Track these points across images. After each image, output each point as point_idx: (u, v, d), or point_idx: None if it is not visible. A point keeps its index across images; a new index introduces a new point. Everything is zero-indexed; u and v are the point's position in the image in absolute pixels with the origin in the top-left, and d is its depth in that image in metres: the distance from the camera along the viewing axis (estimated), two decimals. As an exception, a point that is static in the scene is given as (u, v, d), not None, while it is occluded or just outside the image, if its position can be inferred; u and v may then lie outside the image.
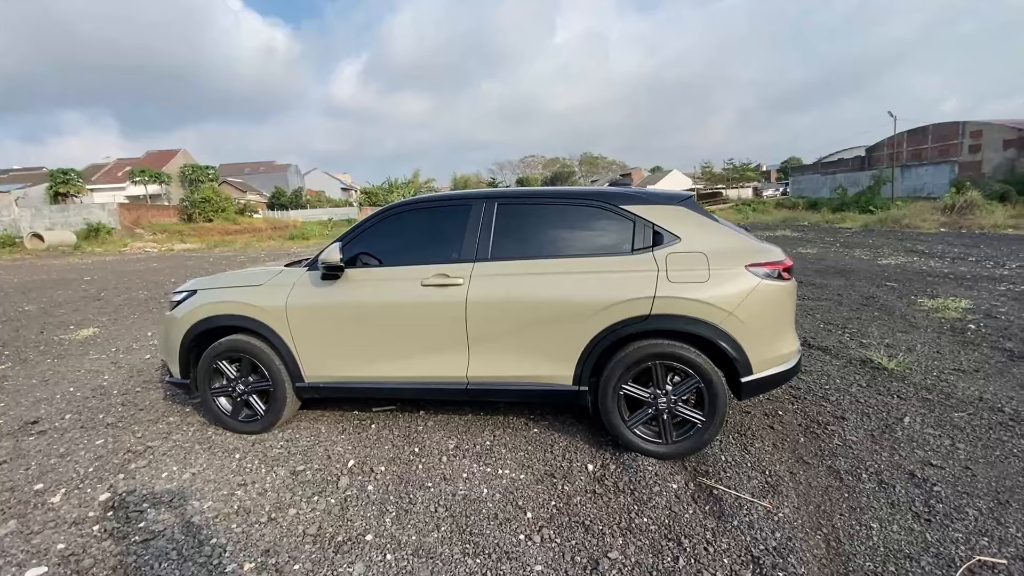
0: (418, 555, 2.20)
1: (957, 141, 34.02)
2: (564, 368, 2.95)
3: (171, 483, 2.87)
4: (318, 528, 2.41)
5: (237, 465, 3.04)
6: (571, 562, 2.12)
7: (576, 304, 2.86)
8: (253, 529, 2.42)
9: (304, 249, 21.97)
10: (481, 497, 2.62)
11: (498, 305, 2.96)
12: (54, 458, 3.24)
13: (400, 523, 2.43)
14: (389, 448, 3.19)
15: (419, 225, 3.30)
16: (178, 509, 2.61)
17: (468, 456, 3.04)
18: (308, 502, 2.63)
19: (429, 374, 3.13)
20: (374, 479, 2.83)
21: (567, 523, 2.38)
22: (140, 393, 4.37)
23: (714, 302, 2.73)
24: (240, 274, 3.65)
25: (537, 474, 2.82)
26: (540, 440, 3.20)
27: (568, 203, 3.11)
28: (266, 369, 3.30)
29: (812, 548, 2.15)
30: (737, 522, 2.32)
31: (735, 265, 2.79)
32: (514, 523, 2.40)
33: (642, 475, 2.74)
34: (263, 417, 3.38)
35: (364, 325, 3.15)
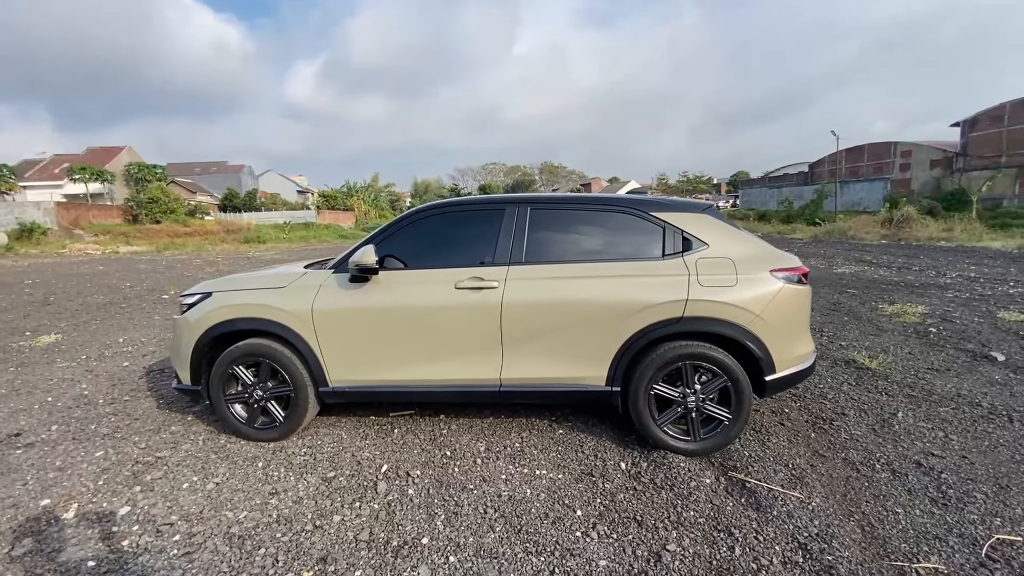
0: (481, 556, 2.21)
1: (890, 160, 36.80)
2: (598, 369, 3.03)
3: (195, 494, 2.74)
4: (370, 533, 2.37)
5: (263, 474, 2.94)
6: (633, 555, 2.19)
7: (612, 307, 2.95)
8: (301, 537, 2.35)
9: (262, 253, 21.19)
10: (526, 497, 2.64)
11: (534, 308, 3.01)
12: (52, 472, 3.02)
13: (452, 525, 2.42)
14: (418, 452, 3.16)
15: (449, 228, 3.31)
16: (212, 520, 2.50)
17: (501, 458, 3.06)
18: (351, 508, 2.58)
19: (461, 377, 3.13)
20: (412, 483, 2.80)
21: (619, 519, 2.45)
22: (130, 402, 4.12)
23: (743, 305, 2.89)
24: (258, 276, 3.53)
25: (574, 473, 2.88)
26: (568, 441, 3.26)
27: (600, 209, 3.21)
28: (287, 374, 3.21)
29: (849, 533, 2.30)
30: (776, 512, 2.46)
31: (760, 270, 2.96)
32: (567, 521, 2.44)
33: (675, 471, 2.85)
34: (282, 424, 3.28)
35: (395, 328, 3.12)
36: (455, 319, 3.08)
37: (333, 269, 3.25)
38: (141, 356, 5.51)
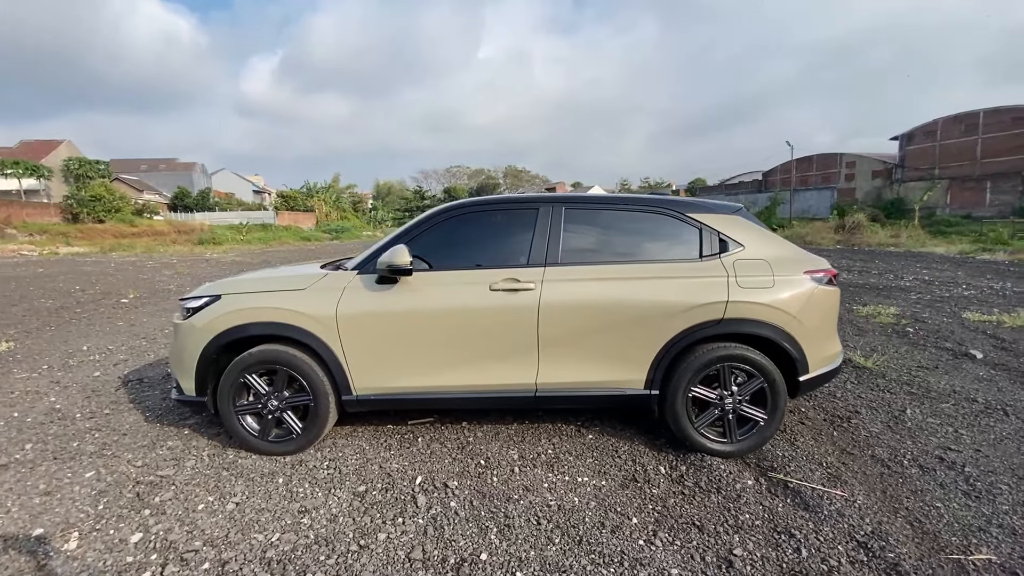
0: (548, 570, 2.11)
1: (836, 170, 38.99)
2: (637, 372, 2.99)
3: (215, 516, 2.50)
4: (423, 551, 2.23)
5: (286, 491, 2.72)
6: (703, 562, 2.15)
7: (654, 308, 2.91)
8: (348, 559, 2.18)
9: (221, 256, 20.15)
10: (576, 506, 2.56)
11: (572, 310, 2.93)
12: (37, 497, 2.69)
13: (508, 539, 2.31)
14: (450, 462, 3.02)
15: (479, 228, 3.19)
16: (242, 545, 2.28)
17: (538, 465, 2.97)
18: (394, 525, 2.42)
19: (495, 383, 3.02)
20: (453, 495, 2.67)
21: (677, 525, 2.40)
22: (112, 416, 3.77)
23: (780, 306, 2.92)
24: (271, 277, 3.29)
25: (617, 479, 2.82)
26: (599, 446, 3.20)
27: (635, 209, 3.17)
28: (306, 382, 3.00)
29: (901, 530, 2.34)
30: (826, 512, 2.47)
31: (795, 272, 3.00)
32: (625, 529, 2.37)
33: (716, 474, 2.84)
34: (299, 436, 3.06)
35: (426, 332, 2.98)
36: (489, 322, 2.96)
37: (357, 270, 3.07)
38: (112, 365, 5.08)
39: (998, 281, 9.85)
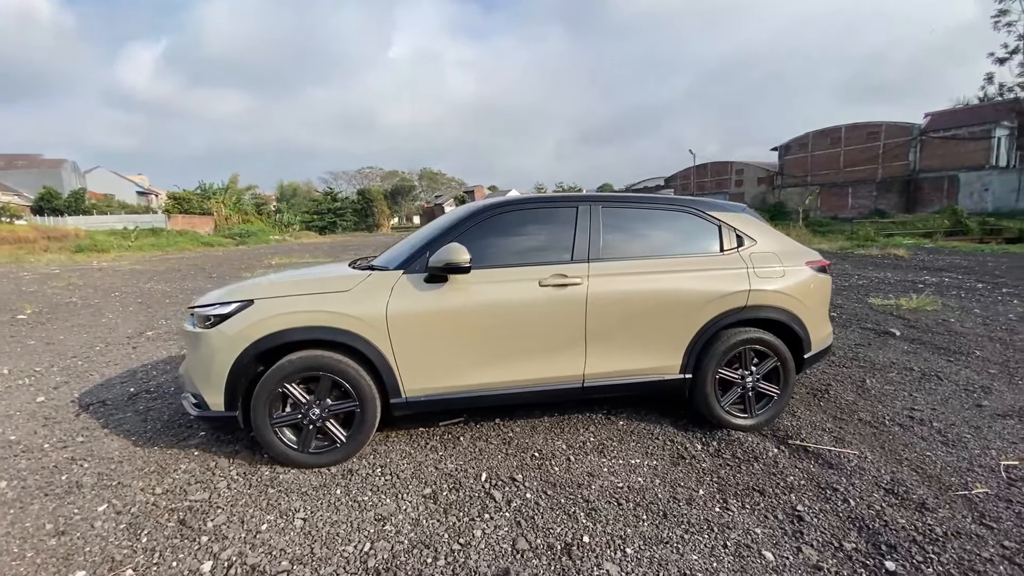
0: (651, 543, 2.25)
1: (728, 176, 43.13)
2: (673, 358, 3.23)
3: (287, 534, 2.34)
4: (527, 542, 2.27)
5: (351, 500, 2.61)
6: (777, 519, 2.41)
7: (688, 298, 3.17)
8: (458, 557, 2.17)
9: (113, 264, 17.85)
10: (644, 486, 2.73)
11: (616, 303, 3.11)
12: (51, 538, 2.35)
13: (600, 521, 2.42)
14: (503, 457, 3.05)
15: (521, 226, 3.25)
16: (335, 559, 2.17)
17: (589, 453, 3.10)
18: (484, 520, 2.43)
19: (544, 376, 3.11)
20: (525, 487, 2.72)
21: (740, 491, 2.65)
22: (90, 443, 3.33)
23: (791, 292, 3.31)
24: (307, 279, 3.11)
25: (666, 459, 3.03)
26: (634, 431, 3.40)
27: (663, 208, 3.42)
28: (352, 387, 2.88)
29: (911, 476, 2.78)
30: (850, 468, 2.87)
31: (799, 262, 3.42)
32: (698, 500, 2.58)
33: (746, 446, 3.15)
34: (344, 444, 2.93)
35: (477, 329, 2.99)
36: (539, 317, 3.05)
37: (402, 269, 3.00)
38: (53, 388, 4.42)
39: (880, 272, 11.57)
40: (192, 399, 2.97)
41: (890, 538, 2.25)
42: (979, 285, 9.30)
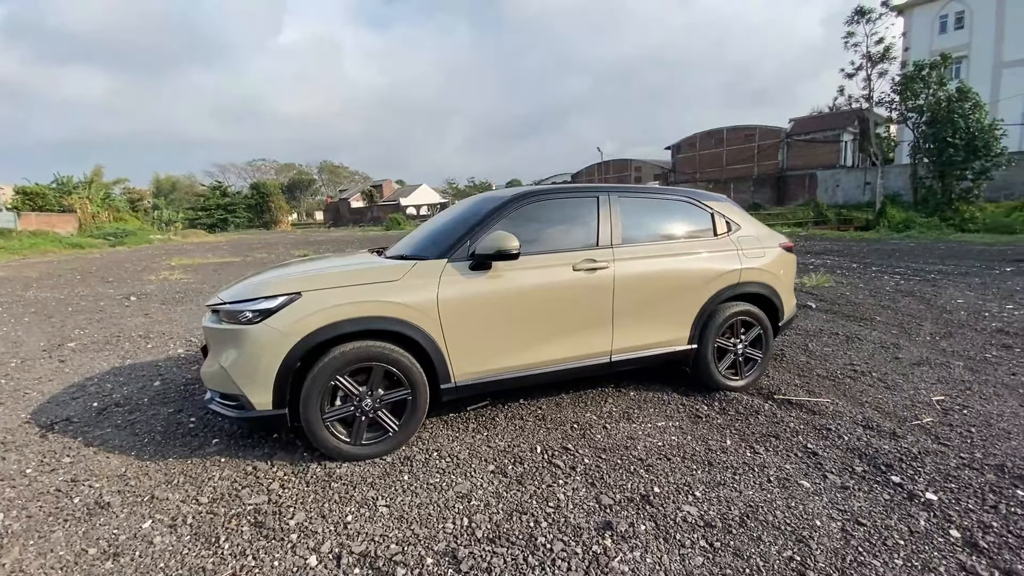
0: (713, 486, 2.59)
1: (628, 173, 46.07)
2: (683, 331, 3.62)
3: (379, 521, 2.36)
4: (609, 498, 2.50)
5: (424, 483, 2.66)
6: (797, 456, 2.87)
7: (696, 277, 3.58)
8: (553, 519, 2.34)
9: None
10: (680, 442, 3.08)
11: (638, 283, 3.42)
12: (105, 562, 2.15)
13: (659, 474, 2.71)
14: (545, 432, 3.24)
15: (550, 214, 3.42)
16: (442, 534, 2.25)
17: (619, 420, 3.39)
18: (560, 487, 2.61)
19: (578, 353, 3.34)
20: (579, 454, 2.94)
21: (759, 438, 3.10)
22: (82, 463, 2.99)
23: (771, 270, 3.86)
24: (352, 270, 3.05)
25: (685, 419, 3.41)
26: (646, 399, 3.75)
27: (667, 198, 3.80)
28: (404, 375, 2.90)
29: (876, 415, 3.42)
30: (831, 413, 3.45)
31: (774, 244, 3.99)
32: (730, 449, 2.98)
33: (744, 403, 3.64)
34: (396, 433, 2.94)
35: (520, 313, 3.15)
36: (574, 299, 3.28)
37: (447, 258, 3.06)
38: (-12, 412, 3.81)
39: (775, 256, 13.27)
40: (228, 401, 2.80)
41: (884, 460, 2.80)
42: (854, 265, 11.09)
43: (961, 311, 6.31)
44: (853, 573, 1.98)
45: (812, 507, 2.40)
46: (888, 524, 2.27)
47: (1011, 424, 3.21)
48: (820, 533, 2.21)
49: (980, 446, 2.95)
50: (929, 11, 32.18)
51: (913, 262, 11.10)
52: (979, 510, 2.36)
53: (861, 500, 2.45)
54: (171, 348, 5.56)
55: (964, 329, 5.49)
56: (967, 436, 3.07)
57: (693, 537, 2.21)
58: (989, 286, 7.87)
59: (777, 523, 2.29)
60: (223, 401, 2.83)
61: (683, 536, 2.22)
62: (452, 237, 3.20)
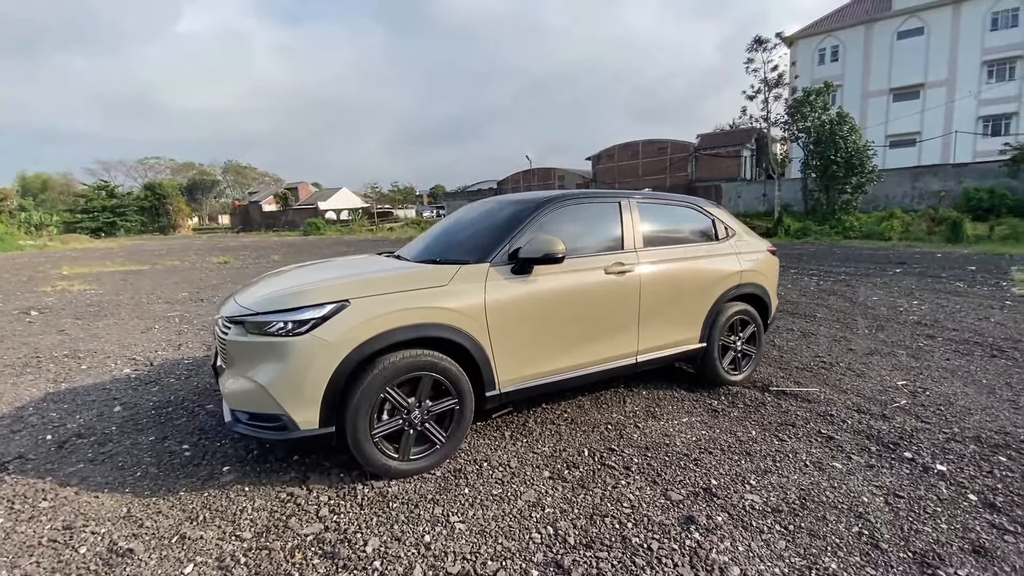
0: (758, 473, 2.75)
1: (552, 182, 47.39)
2: (696, 331, 3.81)
3: (459, 539, 2.24)
4: (676, 493, 2.57)
5: (486, 496, 2.57)
6: (815, 441, 3.13)
7: (707, 278, 3.79)
8: (635, 519, 2.37)
9: None
10: (712, 436, 3.23)
11: (660, 286, 3.56)
12: (160, 614, 1.86)
13: (708, 467, 2.83)
14: (583, 434, 3.27)
15: (577, 218, 3.45)
16: (531, 544, 2.19)
17: (646, 419, 3.49)
18: (625, 487, 2.65)
19: (609, 355, 3.40)
20: (626, 454, 2.99)
21: (778, 427, 3.34)
22: (72, 506, 2.55)
23: (763, 271, 4.19)
24: (396, 275, 2.89)
25: (705, 415, 3.59)
26: (660, 397, 3.90)
27: (676, 204, 3.99)
28: (452, 384, 2.79)
29: (862, 400, 3.82)
30: (824, 401, 3.80)
31: (763, 248, 4.33)
32: (759, 438, 3.18)
33: (747, 397, 3.91)
34: (443, 446, 2.82)
35: (558, 317, 3.15)
36: (606, 302, 3.34)
37: (489, 262, 2.98)
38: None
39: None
40: (263, 422, 2.52)
41: (888, 439, 3.15)
42: (775, 268, 12.24)
43: (880, 307, 7.22)
44: (916, 539, 2.21)
45: (853, 485, 2.64)
46: (919, 494, 2.56)
47: (966, 402, 3.73)
48: (871, 508, 2.44)
49: (954, 422, 3.40)
50: (811, 44, 36.57)
51: (820, 265, 12.48)
52: (980, 475, 2.72)
53: (889, 476, 2.74)
54: (114, 368, 4.88)
55: (891, 323, 6.28)
56: (940, 414, 3.53)
57: (768, 523, 2.34)
58: (890, 285, 9.06)
59: (832, 502, 2.49)
60: (256, 423, 2.55)
61: (759, 523, 2.34)
62: (489, 240, 3.14)
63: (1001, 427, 3.29)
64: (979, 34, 31.24)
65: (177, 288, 10.30)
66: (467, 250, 3.18)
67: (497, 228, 3.24)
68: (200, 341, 5.91)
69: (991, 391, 3.93)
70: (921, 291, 8.36)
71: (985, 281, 9.25)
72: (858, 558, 2.10)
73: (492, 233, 3.21)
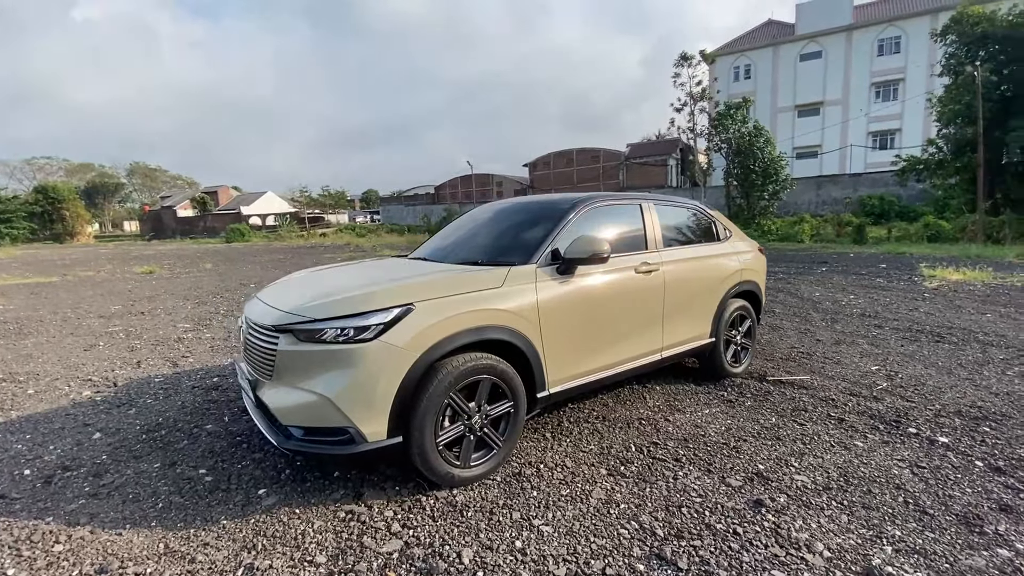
0: (798, 456, 2.95)
1: (490, 187, 47.65)
2: (707, 327, 4.01)
3: (552, 542, 2.22)
4: (734, 479, 2.69)
5: (559, 498, 2.55)
6: (828, 424, 3.39)
7: (715, 277, 4.01)
8: (703, 505, 2.45)
9: None
10: (739, 425, 3.41)
11: (680, 284, 3.71)
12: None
13: (748, 454, 2.99)
14: (620, 431, 3.33)
15: (605, 220, 3.51)
16: (625, 540, 2.21)
17: (671, 412, 3.62)
18: (683, 476, 2.73)
19: (640, 352, 3.50)
20: (668, 447, 3.08)
21: (792, 413, 3.58)
22: (93, 545, 2.24)
23: (756, 269, 4.49)
24: (452, 277, 2.77)
25: (722, 405, 3.78)
26: (674, 392, 4.05)
27: (684, 207, 4.17)
28: (509, 387, 2.75)
29: (849, 384, 4.20)
30: (816, 387, 4.13)
31: (754, 248, 4.63)
32: (779, 424, 3.39)
33: (752, 387, 4.16)
34: (500, 450, 2.77)
35: (598, 316, 3.20)
36: (637, 300, 3.43)
37: (535, 262, 2.97)
38: None
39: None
40: (326, 436, 2.35)
41: (890, 417, 3.48)
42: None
43: (825, 302, 7.94)
44: (954, 504, 2.46)
45: (879, 460, 2.90)
46: (936, 464, 2.85)
47: (935, 382, 4.20)
48: (904, 479, 2.69)
49: (933, 399, 3.82)
50: (727, 61, 39.55)
51: (757, 265, 13.49)
52: (976, 444, 3.09)
53: (905, 450, 3.03)
54: (70, 391, 4.31)
55: (840, 315, 6.93)
56: (919, 393, 3.95)
57: (823, 500, 2.51)
58: (824, 282, 9.99)
59: (870, 477, 2.72)
60: (315, 438, 2.36)
61: (817, 501, 2.51)
62: (529, 242, 3.13)
63: (972, 402, 3.74)
64: (868, 58, 35.35)
65: (105, 301, 9.26)
66: (506, 252, 3.15)
67: (534, 230, 3.24)
68: (161, 357, 5.37)
69: (949, 372, 4.46)
70: (852, 287, 9.28)
71: (899, 277, 10.44)
72: (914, 524, 2.31)
73: (530, 234, 3.20)
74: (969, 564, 2.04)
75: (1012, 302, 7.43)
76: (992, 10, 19.79)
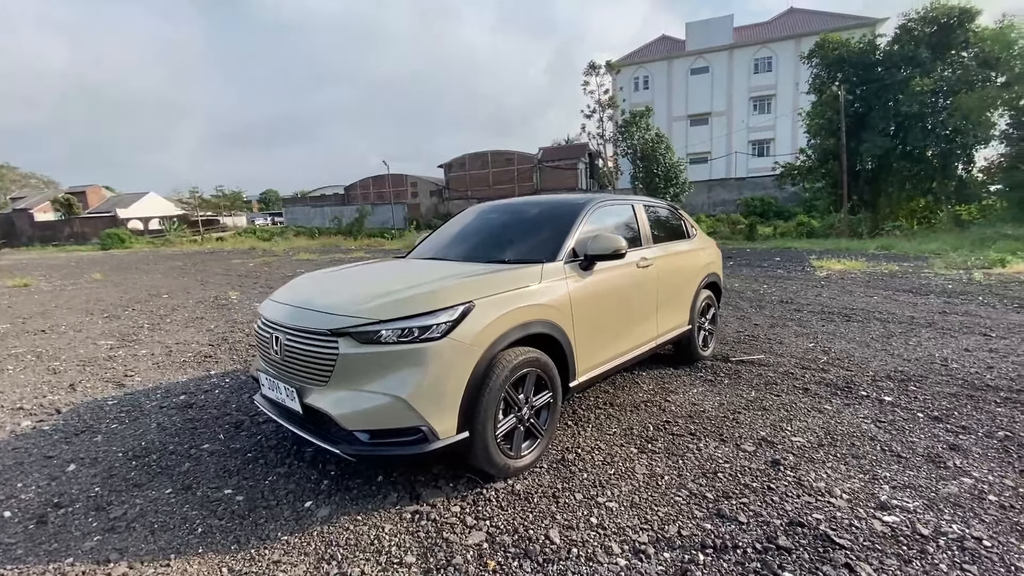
0: (789, 422, 3.40)
1: (405, 188, 46.64)
2: (685, 315, 4.42)
3: (621, 516, 2.40)
4: (748, 445, 3.05)
5: (610, 477, 2.74)
6: (800, 393, 3.93)
7: (693, 270, 4.44)
8: (735, 473, 2.78)
9: None
10: (729, 401, 3.82)
11: (669, 277, 4.07)
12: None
13: (750, 424, 3.39)
14: (633, 415, 3.59)
15: (610, 218, 3.74)
16: (679, 509, 2.45)
17: (670, 394, 3.96)
18: (709, 448, 3.04)
19: (641, 341, 3.79)
20: (681, 424, 3.40)
21: (765, 387, 4.08)
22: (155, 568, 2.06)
23: (717, 261, 5.02)
24: (498, 275, 2.79)
25: (705, 385, 4.20)
26: (659, 376, 4.42)
27: (661, 207, 4.54)
28: (548, 378, 2.90)
29: (799, 361, 4.85)
30: (772, 364, 4.73)
31: (713, 243, 5.16)
32: (769, 400, 3.85)
33: (721, 368, 4.65)
34: (543, 438, 2.90)
35: (615, 308, 3.45)
36: (639, 292, 3.72)
37: (563, 259, 3.12)
38: None
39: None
40: (397, 438, 2.32)
41: (841, 384, 4.09)
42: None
43: (746, 291, 8.93)
44: (917, 447, 3.01)
45: (849, 419, 3.43)
46: (892, 418, 3.43)
47: (861, 354, 4.98)
48: (874, 432, 3.22)
49: (865, 368, 4.54)
50: (629, 72, 42.26)
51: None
52: (912, 401, 3.75)
53: (864, 409, 3.60)
54: (3, 423, 3.71)
55: (764, 303, 7.86)
56: (853, 363, 4.68)
57: (822, 455, 2.95)
58: (735, 274, 11.18)
59: (848, 433, 3.22)
60: (384, 440, 2.33)
61: (818, 456, 2.94)
62: (551, 240, 3.28)
63: (894, 368, 4.51)
64: (747, 75, 39.70)
65: (-17, 321, 7.86)
66: (530, 250, 3.27)
67: (553, 229, 3.40)
68: (98, 378, 4.76)
69: (867, 344, 5.30)
70: (760, 278, 10.50)
71: (794, 268, 11.98)
72: (896, 466, 2.81)
73: (551, 233, 3.36)
74: (947, 491, 2.55)
75: (888, 286, 8.89)
76: (847, 37, 23.28)
